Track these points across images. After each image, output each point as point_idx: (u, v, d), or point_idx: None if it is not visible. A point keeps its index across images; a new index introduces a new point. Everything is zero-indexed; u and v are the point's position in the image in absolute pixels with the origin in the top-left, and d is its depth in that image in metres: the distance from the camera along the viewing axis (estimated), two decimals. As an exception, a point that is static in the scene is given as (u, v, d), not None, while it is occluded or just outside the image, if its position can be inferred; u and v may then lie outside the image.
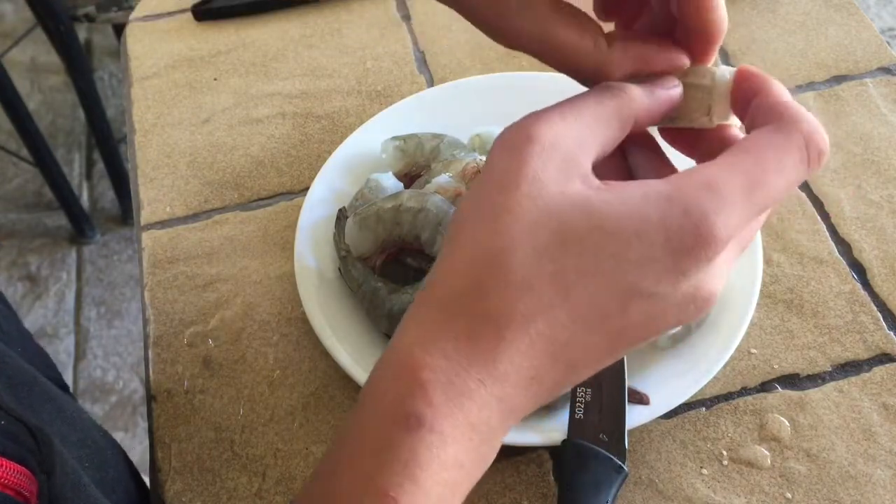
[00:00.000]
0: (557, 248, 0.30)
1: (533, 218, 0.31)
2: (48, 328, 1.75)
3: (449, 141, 0.66)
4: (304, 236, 0.63)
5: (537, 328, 0.30)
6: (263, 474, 0.57)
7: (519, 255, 0.30)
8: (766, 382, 0.59)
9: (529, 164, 0.32)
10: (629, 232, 0.30)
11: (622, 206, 0.31)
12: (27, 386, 0.54)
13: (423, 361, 0.30)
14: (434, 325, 0.31)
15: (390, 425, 0.30)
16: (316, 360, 0.61)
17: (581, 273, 0.30)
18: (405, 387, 0.30)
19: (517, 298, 0.30)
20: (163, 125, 0.77)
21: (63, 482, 0.47)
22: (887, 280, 0.63)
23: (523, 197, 0.31)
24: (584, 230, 0.30)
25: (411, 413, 0.29)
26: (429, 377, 0.30)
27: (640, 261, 0.30)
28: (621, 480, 0.51)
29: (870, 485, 0.54)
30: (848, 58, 0.77)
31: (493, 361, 0.30)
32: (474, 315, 0.30)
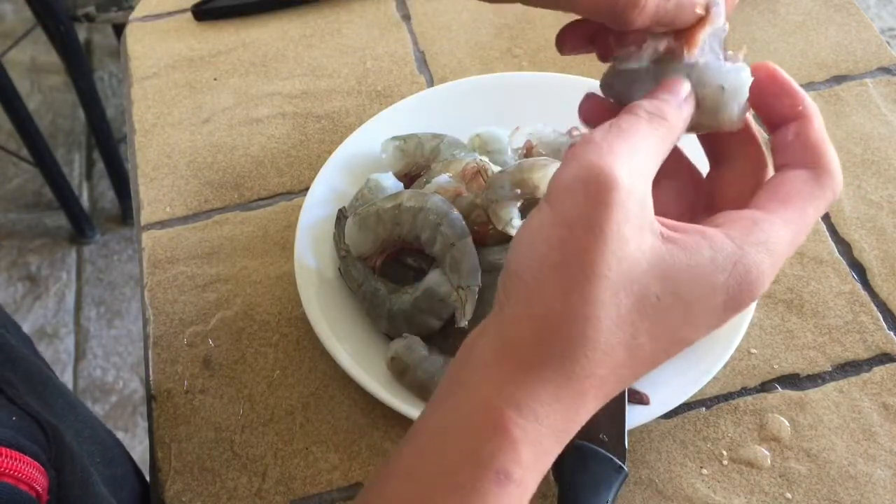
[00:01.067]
0: (636, 314, 0.32)
1: (619, 285, 0.31)
2: (48, 328, 1.75)
3: (449, 141, 0.66)
4: (304, 236, 0.63)
5: (607, 389, 0.33)
6: (263, 474, 0.57)
7: (605, 322, 0.31)
8: (766, 382, 0.59)
9: (612, 214, 0.31)
10: (697, 297, 0.32)
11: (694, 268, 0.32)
12: (42, 384, 0.54)
13: (515, 421, 0.31)
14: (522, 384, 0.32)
15: (479, 477, 0.31)
16: (316, 360, 0.61)
17: (650, 335, 0.32)
18: (496, 442, 0.31)
19: (598, 364, 0.32)
20: (163, 125, 0.77)
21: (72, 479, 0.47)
22: (887, 280, 0.63)
23: (612, 258, 0.31)
24: (659, 294, 0.32)
25: (502, 469, 0.31)
26: (520, 436, 0.31)
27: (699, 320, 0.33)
28: (621, 480, 0.51)
29: (870, 485, 0.54)
30: (848, 58, 0.77)
31: (572, 420, 0.32)
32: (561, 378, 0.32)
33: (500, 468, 0.31)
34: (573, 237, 0.31)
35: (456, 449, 0.32)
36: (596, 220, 0.31)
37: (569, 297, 0.31)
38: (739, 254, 0.32)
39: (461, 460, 0.31)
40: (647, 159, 0.33)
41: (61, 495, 0.45)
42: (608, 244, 0.31)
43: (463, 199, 0.60)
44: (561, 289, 0.31)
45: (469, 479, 0.31)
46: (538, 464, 0.32)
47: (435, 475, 0.32)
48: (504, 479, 0.31)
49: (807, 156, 0.35)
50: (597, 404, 0.33)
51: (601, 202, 0.31)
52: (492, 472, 0.31)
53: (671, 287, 0.32)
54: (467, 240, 0.57)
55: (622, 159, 0.32)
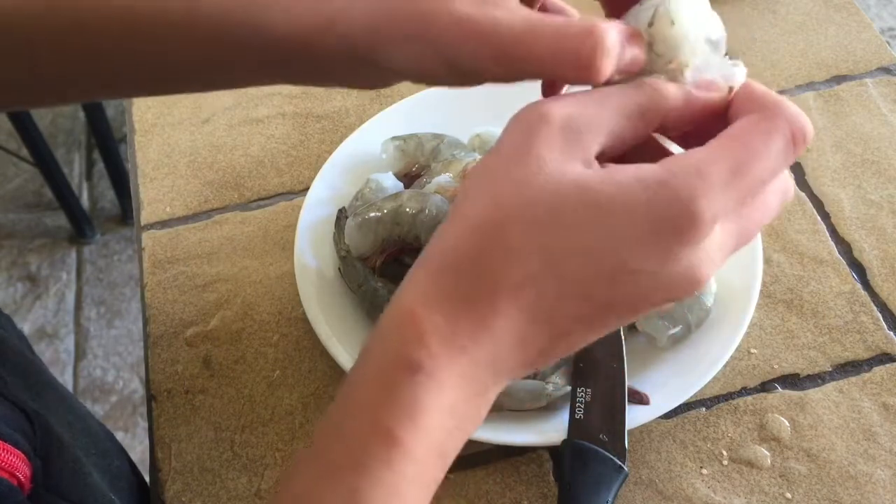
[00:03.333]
0: (550, 223, 0.32)
1: (531, 193, 0.32)
2: (48, 328, 1.75)
3: (449, 141, 0.66)
4: (304, 236, 0.63)
5: (526, 296, 0.32)
6: (263, 474, 0.57)
7: (515, 226, 0.32)
8: (766, 382, 0.59)
9: (536, 142, 0.33)
10: (619, 210, 0.32)
11: (615, 185, 0.32)
12: (33, 374, 0.54)
13: (424, 316, 0.32)
14: (435, 286, 0.33)
15: (392, 371, 0.32)
16: (316, 360, 0.61)
17: (570, 247, 0.32)
18: (407, 337, 0.32)
19: (509, 267, 0.32)
20: (163, 125, 0.77)
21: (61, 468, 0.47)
22: (887, 280, 0.63)
23: (526, 173, 0.33)
24: (576, 206, 0.32)
25: (412, 360, 0.32)
26: (428, 329, 0.32)
27: (628, 239, 0.32)
28: (621, 480, 0.51)
29: (870, 485, 0.54)
30: (848, 58, 0.77)
31: (484, 323, 0.32)
32: (471, 279, 0.33)
33: (410, 358, 0.32)
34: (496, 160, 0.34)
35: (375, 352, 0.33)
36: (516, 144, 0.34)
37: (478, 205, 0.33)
38: (664, 173, 0.32)
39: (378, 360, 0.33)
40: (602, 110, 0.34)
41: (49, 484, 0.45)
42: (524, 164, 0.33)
43: (463, 199, 0.60)
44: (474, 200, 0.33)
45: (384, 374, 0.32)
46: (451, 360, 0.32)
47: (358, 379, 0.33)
48: (416, 368, 0.32)
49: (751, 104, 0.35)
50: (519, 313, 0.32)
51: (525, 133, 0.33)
52: (403, 363, 0.32)
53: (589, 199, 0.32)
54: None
55: (564, 103, 0.34)
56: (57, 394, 0.56)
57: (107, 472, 0.55)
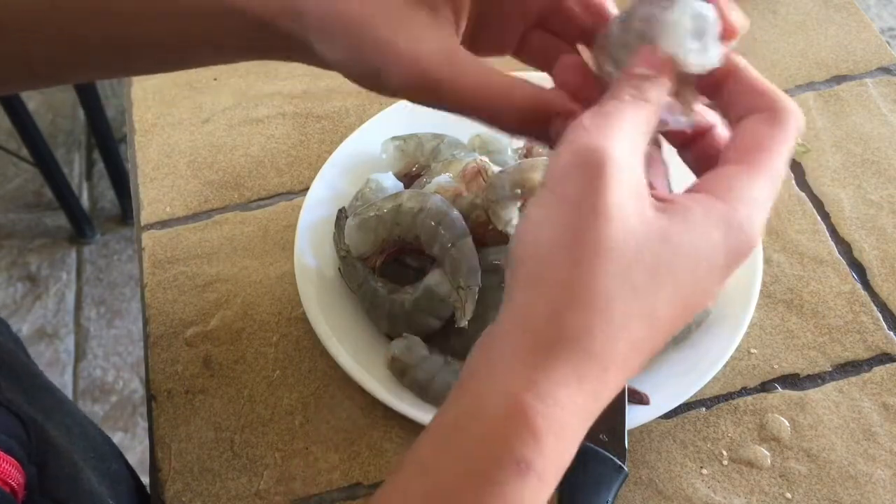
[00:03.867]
0: (650, 285, 0.32)
1: (629, 256, 0.31)
2: (48, 328, 1.75)
3: (449, 141, 0.66)
4: (304, 236, 0.63)
5: (632, 364, 0.32)
6: (263, 474, 0.57)
7: (619, 296, 0.31)
8: (766, 382, 0.59)
9: (611, 190, 0.31)
10: (701, 258, 0.32)
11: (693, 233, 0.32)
12: (28, 379, 0.54)
13: (537, 409, 0.30)
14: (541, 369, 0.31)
15: (498, 467, 0.30)
16: (316, 360, 0.61)
17: (664, 302, 0.32)
18: (517, 432, 0.30)
19: (618, 338, 0.31)
20: (163, 125, 0.77)
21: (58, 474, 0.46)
22: (887, 280, 0.63)
23: (614, 230, 0.31)
24: (667, 260, 0.32)
25: (523, 459, 0.30)
26: (542, 425, 0.30)
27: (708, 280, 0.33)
28: (621, 480, 0.51)
29: (870, 485, 0.54)
30: (848, 58, 0.77)
31: (596, 402, 0.32)
32: (580, 358, 0.31)
33: (520, 457, 0.30)
34: (576, 216, 0.31)
35: (473, 439, 0.31)
36: (597, 197, 0.31)
37: (579, 273, 0.31)
38: (729, 209, 0.33)
39: (479, 450, 0.30)
40: (635, 136, 0.33)
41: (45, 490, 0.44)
42: (612, 218, 0.31)
43: (463, 199, 0.60)
44: (570, 266, 0.31)
45: (487, 469, 0.30)
46: (562, 454, 0.31)
47: (451, 466, 0.31)
48: (525, 468, 0.30)
49: (756, 99, 0.36)
50: (619, 383, 0.32)
51: (599, 179, 0.31)
52: (512, 461, 0.30)
53: (676, 251, 0.32)
54: (467, 240, 0.57)
55: (612, 138, 0.32)
56: (53, 398, 0.56)
57: (105, 475, 0.55)
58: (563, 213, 0.32)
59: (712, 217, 0.33)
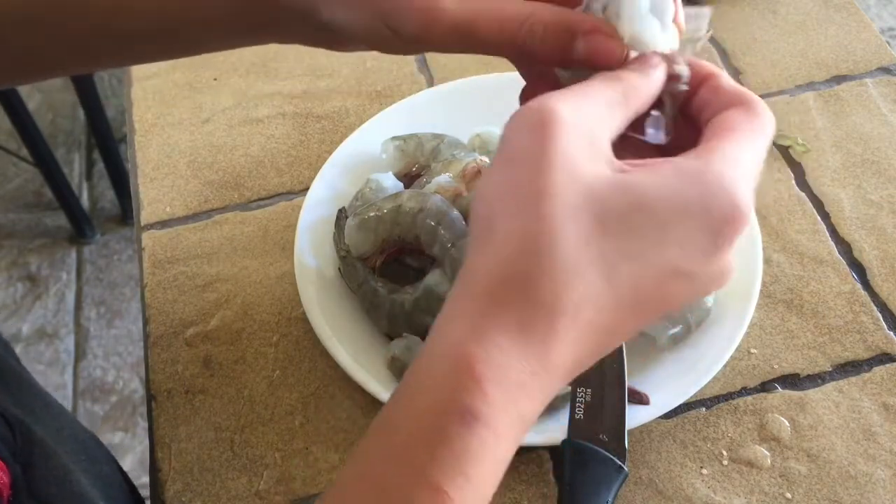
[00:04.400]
0: (601, 232, 0.30)
1: (575, 201, 0.30)
2: (48, 328, 1.75)
3: (449, 141, 0.66)
4: (304, 236, 0.63)
5: (586, 316, 0.30)
6: (263, 474, 0.57)
7: (565, 240, 0.30)
8: (766, 382, 0.59)
9: (558, 143, 0.30)
10: (671, 211, 0.30)
11: (661, 185, 0.30)
12: (15, 381, 0.54)
13: (478, 356, 0.29)
14: (484, 317, 0.30)
15: (444, 419, 0.29)
16: (316, 360, 0.61)
17: (624, 255, 0.30)
18: (460, 381, 0.29)
19: (567, 285, 0.30)
20: (163, 125, 0.77)
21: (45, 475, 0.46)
22: (887, 280, 0.63)
23: (561, 178, 0.30)
24: (625, 211, 0.30)
25: (467, 408, 0.29)
26: (484, 372, 0.29)
27: (682, 241, 0.30)
28: (621, 480, 0.51)
29: (870, 485, 0.54)
30: (848, 58, 0.77)
31: (546, 353, 0.30)
32: (525, 305, 0.30)
33: (465, 406, 0.29)
34: (523, 168, 0.31)
35: (423, 393, 0.30)
36: (540, 149, 0.30)
37: (518, 221, 0.30)
38: (703, 166, 0.31)
39: (428, 404, 0.30)
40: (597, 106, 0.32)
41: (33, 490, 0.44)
42: (554, 167, 0.30)
43: (463, 199, 0.60)
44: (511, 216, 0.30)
45: (435, 422, 0.29)
46: (510, 402, 0.30)
47: (405, 423, 0.30)
48: (470, 418, 0.29)
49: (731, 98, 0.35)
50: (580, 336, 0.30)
51: (540, 134, 0.31)
52: (456, 411, 0.29)
53: (637, 202, 0.30)
54: (467, 240, 0.57)
55: (565, 100, 0.32)
56: (43, 402, 0.55)
57: (97, 478, 0.55)
58: (510, 168, 0.31)
59: (686, 172, 0.31)
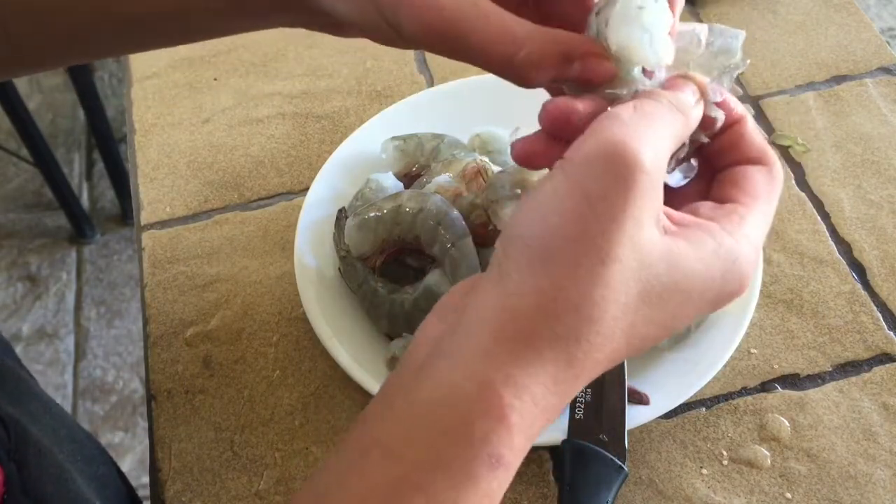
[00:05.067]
0: (640, 301, 0.31)
1: (630, 271, 0.31)
2: (48, 328, 1.75)
3: (449, 141, 0.66)
4: (304, 236, 0.63)
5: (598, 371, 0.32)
6: (263, 474, 0.57)
7: (612, 307, 0.30)
8: (766, 382, 0.59)
9: (637, 200, 0.30)
10: (696, 291, 0.33)
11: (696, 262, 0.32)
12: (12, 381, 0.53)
13: (512, 406, 0.30)
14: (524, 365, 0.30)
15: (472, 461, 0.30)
16: (316, 359, 0.61)
17: (648, 322, 0.32)
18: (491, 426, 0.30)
19: (600, 348, 0.31)
20: (163, 125, 0.77)
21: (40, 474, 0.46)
22: (887, 280, 0.63)
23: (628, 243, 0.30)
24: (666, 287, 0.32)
25: (495, 453, 0.30)
26: (516, 422, 0.30)
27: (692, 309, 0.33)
28: (621, 480, 0.51)
29: (870, 485, 0.54)
30: (848, 58, 0.77)
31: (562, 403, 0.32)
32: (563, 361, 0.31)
33: (493, 452, 0.29)
34: (592, 214, 0.30)
35: (444, 426, 0.30)
36: (618, 201, 0.30)
37: (580, 276, 0.30)
38: (738, 248, 0.33)
39: (451, 440, 0.30)
40: (665, 147, 0.32)
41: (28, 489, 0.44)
42: (626, 228, 0.30)
43: (463, 199, 0.60)
44: (573, 265, 0.30)
45: (459, 461, 0.29)
46: (526, 448, 0.32)
47: (422, 456, 0.30)
48: (496, 463, 0.30)
49: (754, 152, 0.37)
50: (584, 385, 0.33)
51: (624, 182, 0.30)
52: (484, 454, 0.29)
53: (676, 277, 0.32)
54: (467, 240, 0.57)
55: (647, 141, 0.30)
56: (40, 402, 0.55)
57: (93, 478, 0.55)
58: (578, 205, 0.30)
59: (721, 252, 0.33)
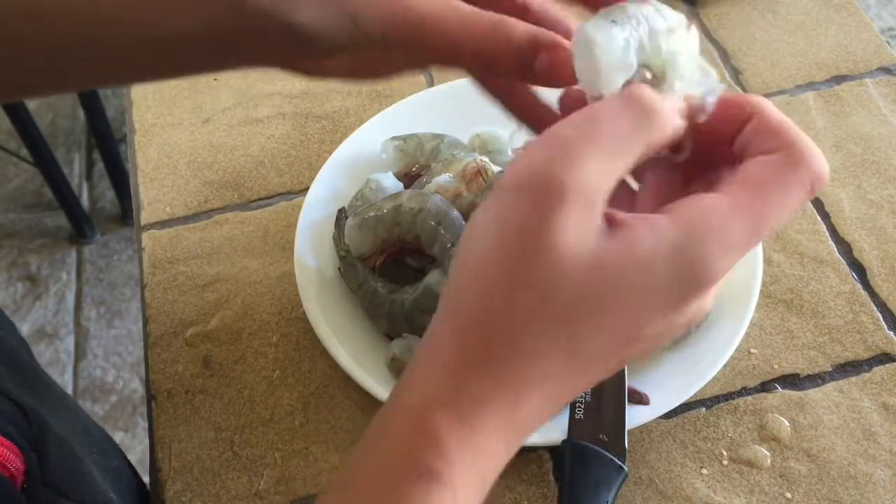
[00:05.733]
0: (571, 315, 0.30)
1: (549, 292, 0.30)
2: (48, 328, 1.75)
3: (449, 141, 0.66)
4: (304, 236, 0.63)
5: (550, 389, 0.31)
6: (263, 474, 0.57)
7: (534, 326, 0.30)
8: (766, 382, 0.59)
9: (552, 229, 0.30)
10: (637, 290, 0.30)
11: (633, 260, 0.30)
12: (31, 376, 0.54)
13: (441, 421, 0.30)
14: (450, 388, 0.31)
15: (405, 477, 0.30)
16: (316, 359, 0.61)
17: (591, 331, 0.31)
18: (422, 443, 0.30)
19: (533, 364, 0.30)
20: (163, 125, 0.77)
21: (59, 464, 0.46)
22: (887, 280, 0.63)
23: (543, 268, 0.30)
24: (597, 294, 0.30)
25: (426, 467, 0.30)
26: (445, 436, 0.30)
27: (645, 313, 0.31)
28: (621, 480, 0.51)
29: (870, 485, 0.54)
30: (848, 58, 0.77)
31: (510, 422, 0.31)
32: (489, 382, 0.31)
33: (425, 466, 0.30)
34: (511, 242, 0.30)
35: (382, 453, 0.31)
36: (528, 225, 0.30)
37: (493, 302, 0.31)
38: (682, 238, 0.30)
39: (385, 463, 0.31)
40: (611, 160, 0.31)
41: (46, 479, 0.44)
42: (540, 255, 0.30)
43: (463, 200, 0.60)
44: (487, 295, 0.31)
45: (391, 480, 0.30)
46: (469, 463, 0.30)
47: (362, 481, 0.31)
48: (429, 477, 0.30)
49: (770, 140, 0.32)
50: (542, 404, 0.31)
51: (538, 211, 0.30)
52: (416, 470, 0.30)
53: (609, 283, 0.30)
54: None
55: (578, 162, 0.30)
56: (55, 395, 0.56)
57: (107, 471, 0.55)
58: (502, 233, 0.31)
59: (661, 246, 0.30)
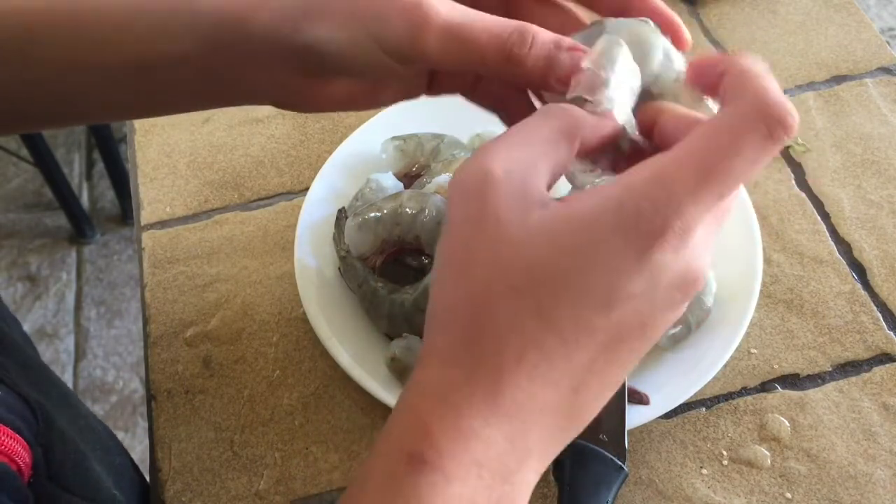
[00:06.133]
0: (530, 282, 0.31)
1: (503, 259, 0.32)
2: (48, 328, 1.75)
3: (449, 141, 0.66)
4: (304, 236, 0.63)
5: (531, 360, 0.31)
6: (263, 474, 0.57)
7: (497, 298, 0.31)
8: (766, 382, 0.59)
9: (489, 205, 0.32)
10: (587, 245, 0.31)
11: (577, 222, 0.31)
12: (36, 372, 0.54)
13: (426, 408, 0.32)
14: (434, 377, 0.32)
15: (394, 465, 0.31)
16: (316, 360, 0.61)
17: (554, 297, 0.31)
18: (409, 431, 0.32)
19: (505, 338, 0.31)
20: (163, 125, 0.77)
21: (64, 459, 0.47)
22: (887, 280, 0.63)
23: (489, 243, 0.32)
24: (548, 257, 0.31)
25: (414, 453, 0.31)
26: (431, 421, 0.31)
27: (605, 269, 0.31)
28: (621, 480, 0.51)
29: (870, 485, 0.54)
30: (848, 58, 0.77)
31: (494, 401, 0.31)
32: (469, 363, 0.32)
33: (412, 452, 0.31)
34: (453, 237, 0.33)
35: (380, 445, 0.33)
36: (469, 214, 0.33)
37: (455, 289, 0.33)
38: (621, 192, 0.31)
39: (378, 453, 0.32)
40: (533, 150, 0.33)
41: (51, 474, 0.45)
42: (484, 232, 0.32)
43: (463, 199, 0.60)
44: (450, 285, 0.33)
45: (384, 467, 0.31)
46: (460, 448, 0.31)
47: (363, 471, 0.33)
48: (418, 463, 0.30)
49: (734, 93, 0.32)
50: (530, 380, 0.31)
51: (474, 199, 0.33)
52: (404, 457, 0.31)
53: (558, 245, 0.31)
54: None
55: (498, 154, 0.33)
56: (60, 391, 0.56)
57: (111, 468, 0.55)
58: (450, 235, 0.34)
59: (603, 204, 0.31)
